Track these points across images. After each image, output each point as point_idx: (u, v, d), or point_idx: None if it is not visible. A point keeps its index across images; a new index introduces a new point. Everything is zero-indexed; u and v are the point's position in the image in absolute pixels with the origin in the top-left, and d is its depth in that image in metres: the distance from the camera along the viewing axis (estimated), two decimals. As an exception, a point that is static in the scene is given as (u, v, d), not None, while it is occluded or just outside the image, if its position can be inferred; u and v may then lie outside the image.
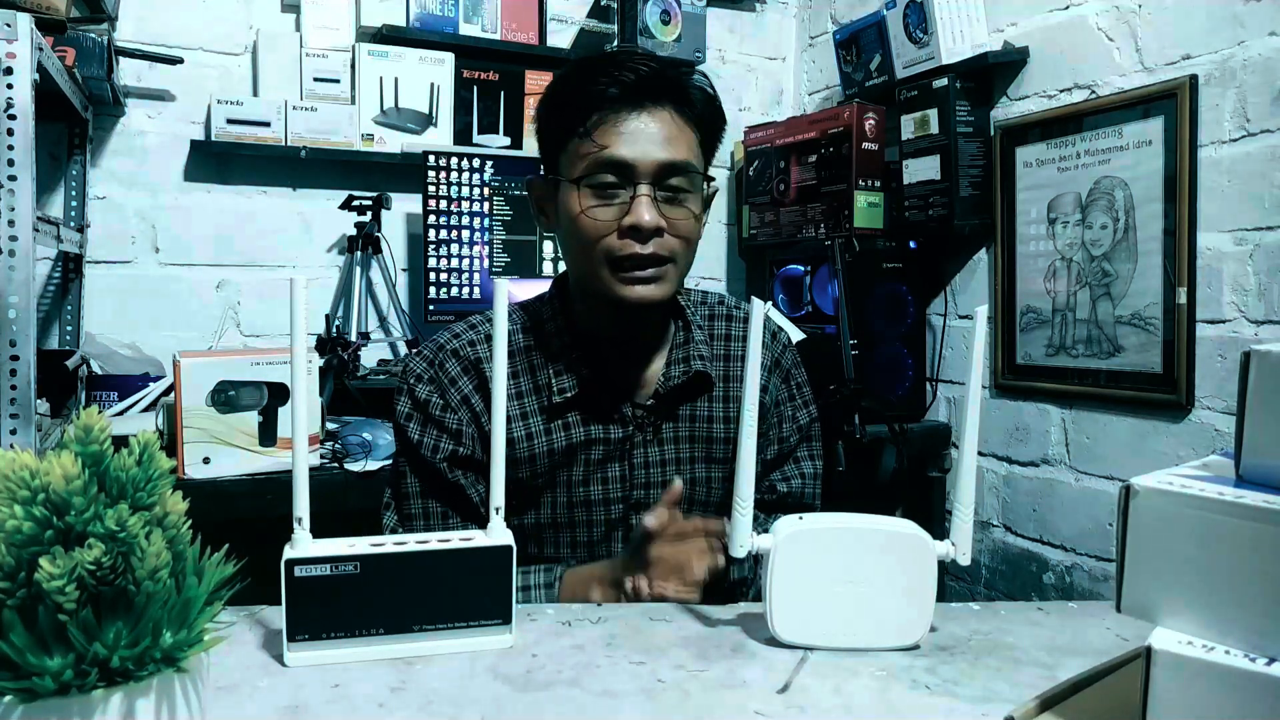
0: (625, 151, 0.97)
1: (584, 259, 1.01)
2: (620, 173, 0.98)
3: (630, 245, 0.98)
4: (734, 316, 1.16)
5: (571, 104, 1.00)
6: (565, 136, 1.01)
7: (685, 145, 1.00)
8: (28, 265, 1.39)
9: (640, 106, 0.98)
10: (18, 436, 1.39)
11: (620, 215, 0.98)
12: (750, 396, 0.77)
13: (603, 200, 0.98)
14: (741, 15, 2.85)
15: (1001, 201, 2.13)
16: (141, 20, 2.18)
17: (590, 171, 0.98)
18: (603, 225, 0.98)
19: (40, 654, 0.45)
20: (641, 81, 0.98)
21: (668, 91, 1.00)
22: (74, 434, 0.49)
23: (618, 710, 0.65)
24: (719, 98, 1.06)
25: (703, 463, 1.10)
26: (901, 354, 2.29)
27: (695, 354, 1.09)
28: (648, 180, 0.98)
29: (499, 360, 0.74)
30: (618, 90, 0.98)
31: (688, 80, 1.02)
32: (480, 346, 1.08)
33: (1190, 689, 0.48)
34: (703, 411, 1.11)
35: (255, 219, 2.33)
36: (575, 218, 0.99)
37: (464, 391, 1.06)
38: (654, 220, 0.97)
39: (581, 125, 0.98)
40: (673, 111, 1.00)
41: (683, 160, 0.99)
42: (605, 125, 0.98)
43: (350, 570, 0.71)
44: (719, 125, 1.06)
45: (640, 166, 0.97)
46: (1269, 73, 1.63)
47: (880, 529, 0.77)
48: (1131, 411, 1.89)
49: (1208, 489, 0.50)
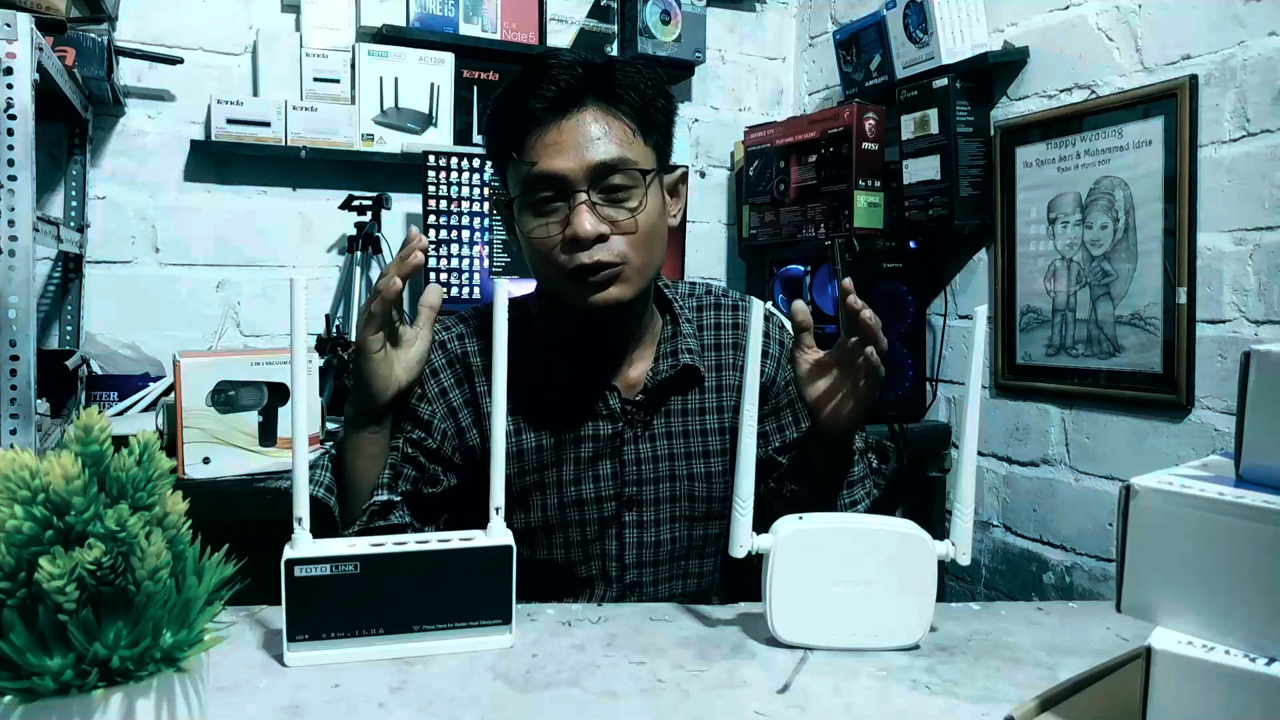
0: (553, 164, 0.96)
1: (542, 275, 1.02)
2: (553, 186, 0.97)
3: (576, 257, 0.97)
4: (723, 305, 1.15)
5: (504, 124, 1.00)
6: (505, 159, 1.02)
7: (617, 141, 0.98)
8: (28, 265, 1.39)
9: (564, 114, 0.97)
10: (18, 436, 1.39)
11: (564, 228, 0.97)
12: (750, 396, 0.77)
13: (543, 217, 0.98)
14: (741, 15, 2.85)
15: (1001, 201, 2.13)
16: (141, 20, 2.18)
17: (526, 190, 0.98)
18: (549, 240, 0.98)
19: (40, 654, 0.45)
20: (563, 91, 0.97)
21: (590, 90, 0.97)
22: (74, 434, 0.49)
23: (618, 710, 0.65)
24: (652, 76, 1.01)
25: (699, 457, 1.10)
26: (901, 354, 2.29)
27: (683, 347, 1.09)
28: (583, 187, 0.96)
29: (499, 360, 0.74)
30: (541, 104, 0.97)
31: (613, 72, 0.99)
32: (468, 341, 1.08)
33: (1190, 689, 0.48)
34: (694, 404, 1.10)
35: (255, 219, 2.33)
36: (525, 237, 1.00)
37: (444, 384, 1.06)
38: (592, 228, 0.95)
39: (514, 144, 0.98)
40: (598, 110, 0.98)
41: (615, 158, 0.97)
42: (533, 141, 0.97)
43: (350, 570, 0.71)
44: (659, 107, 1.02)
45: (570, 176, 0.96)
46: (1269, 73, 1.63)
47: (880, 529, 0.77)
48: (1131, 411, 1.89)
49: (1208, 489, 0.50)
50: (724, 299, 1.15)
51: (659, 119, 1.02)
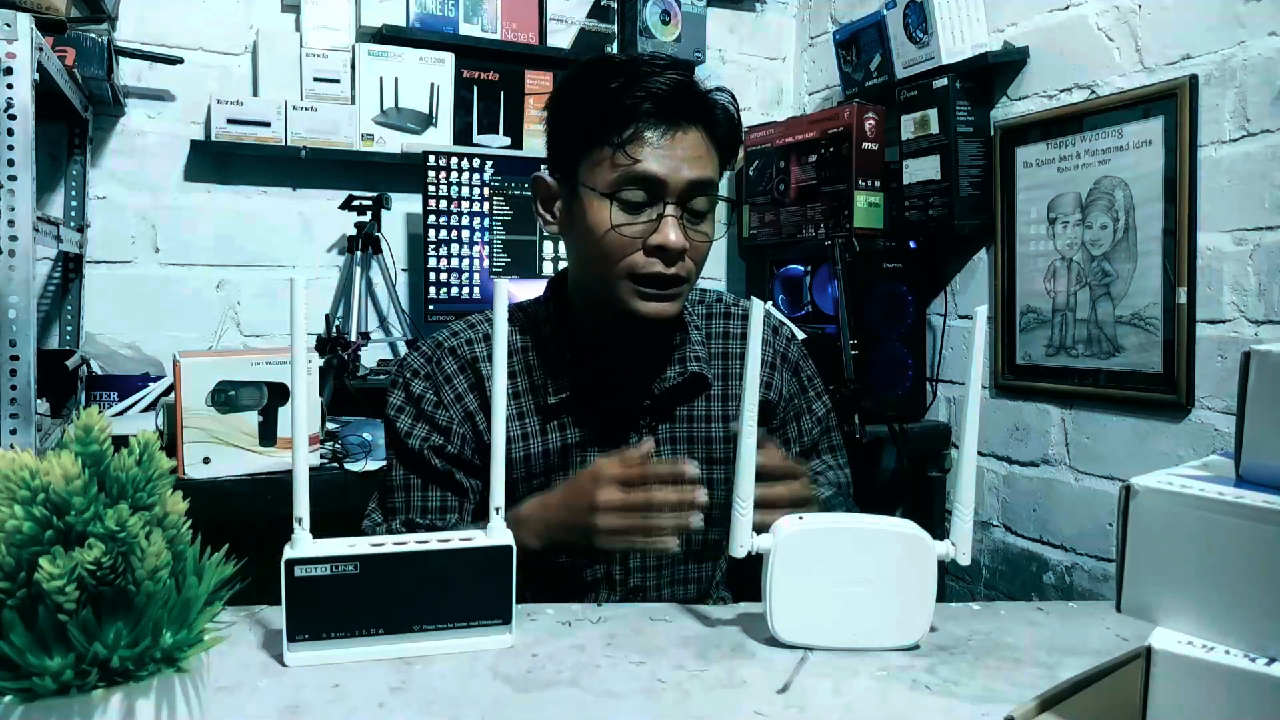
0: (658, 168, 0.96)
1: (601, 271, 1.00)
2: (650, 188, 0.97)
3: (655, 264, 0.98)
4: (732, 314, 1.16)
5: (599, 111, 0.98)
6: (589, 143, 0.99)
7: (711, 165, 1.00)
8: (28, 265, 1.39)
9: (674, 124, 0.98)
10: (18, 436, 1.39)
11: (646, 233, 0.97)
12: (750, 396, 0.77)
13: (630, 216, 0.98)
14: (741, 15, 2.85)
15: (1001, 201, 2.12)
16: (141, 20, 2.18)
17: (621, 185, 0.97)
18: (629, 242, 0.98)
19: (40, 654, 0.45)
20: (674, 97, 0.97)
21: (698, 110, 1.00)
22: (74, 434, 0.49)
23: (618, 710, 0.65)
24: (738, 114, 1.06)
25: (703, 464, 1.10)
26: (901, 354, 2.29)
27: (691, 355, 1.09)
28: (675, 199, 0.97)
29: (499, 360, 0.74)
30: (652, 105, 0.97)
31: (716, 100, 1.02)
32: (478, 345, 1.08)
33: (1190, 689, 0.48)
34: (701, 412, 1.11)
35: (255, 219, 2.33)
36: (602, 232, 0.98)
37: (458, 390, 1.06)
38: (680, 241, 0.97)
39: (616, 135, 0.97)
40: (702, 131, 1.00)
41: (708, 179, 0.99)
42: (638, 138, 0.97)
43: (350, 570, 0.71)
44: (737, 148, 1.06)
45: (671, 184, 0.97)
46: (1269, 73, 1.63)
47: (880, 529, 0.77)
48: (1131, 411, 1.89)
49: (1208, 489, 0.50)
50: (734, 308, 1.16)
51: (733, 156, 1.06)
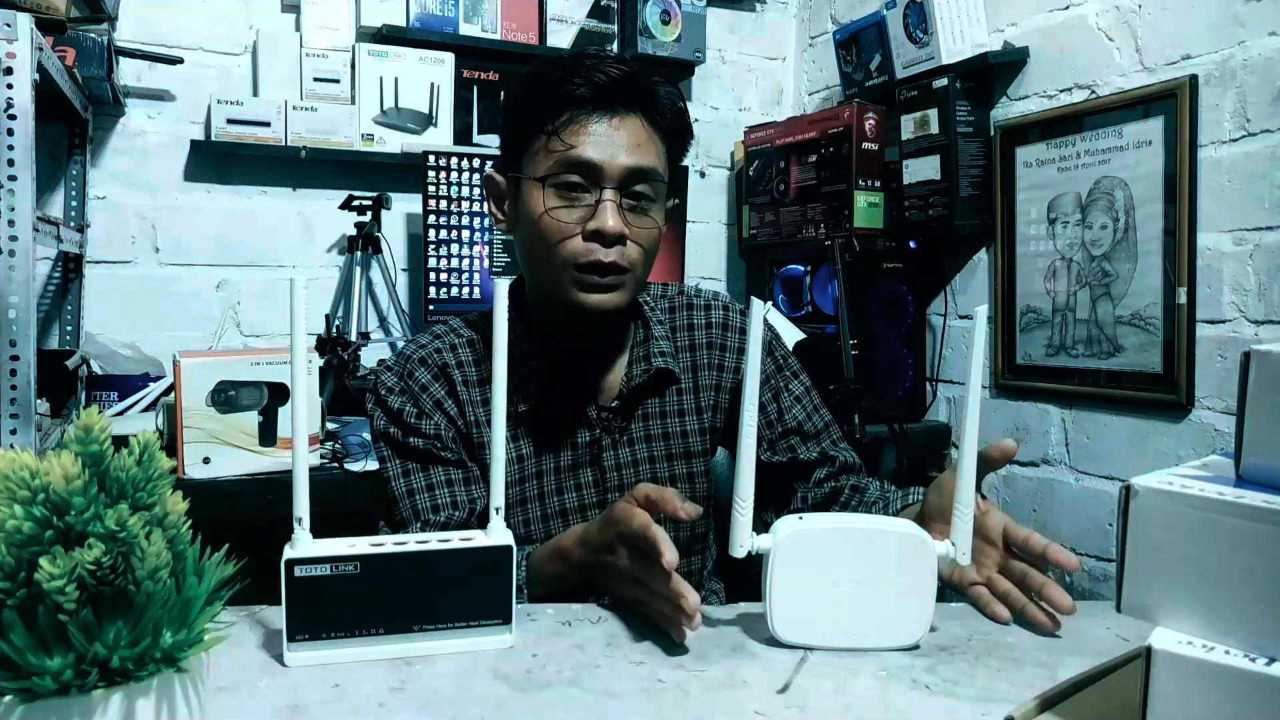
0: (593, 153, 0.96)
1: (544, 261, 1.00)
2: (587, 174, 0.97)
3: (594, 251, 0.97)
4: (695, 305, 1.15)
5: (540, 102, 0.99)
6: (531, 134, 1.00)
7: (654, 153, 1.00)
8: (28, 265, 1.39)
9: (611, 110, 0.98)
10: (18, 436, 1.39)
11: (584, 219, 0.97)
12: (750, 397, 0.77)
13: (567, 202, 0.97)
14: (741, 15, 2.85)
15: (1001, 201, 2.12)
16: (141, 20, 2.18)
17: (556, 171, 0.97)
18: (566, 227, 0.97)
19: (40, 654, 0.45)
20: (613, 84, 0.97)
21: (639, 99, 0.99)
22: (74, 434, 0.49)
23: (618, 710, 0.65)
24: (688, 112, 1.06)
25: (679, 458, 1.10)
26: (901, 354, 2.29)
27: (656, 351, 1.09)
28: (614, 185, 0.97)
29: (499, 360, 0.73)
30: (589, 91, 0.97)
31: (659, 90, 1.02)
32: (447, 353, 1.07)
33: (1190, 689, 0.48)
34: (671, 407, 1.11)
35: (255, 219, 2.33)
36: (538, 218, 0.98)
37: (436, 397, 1.06)
38: (618, 226, 0.96)
39: (550, 123, 0.97)
40: (643, 119, 0.99)
41: (650, 167, 0.98)
42: (574, 125, 0.97)
43: (350, 570, 0.71)
44: (686, 139, 1.06)
45: (608, 170, 0.96)
46: (1269, 73, 1.63)
47: (880, 529, 0.77)
48: (1131, 411, 1.88)
49: (1208, 489, 0.50)
50: (696, 299, 1.16)
51: (679, 151, 1.06)
